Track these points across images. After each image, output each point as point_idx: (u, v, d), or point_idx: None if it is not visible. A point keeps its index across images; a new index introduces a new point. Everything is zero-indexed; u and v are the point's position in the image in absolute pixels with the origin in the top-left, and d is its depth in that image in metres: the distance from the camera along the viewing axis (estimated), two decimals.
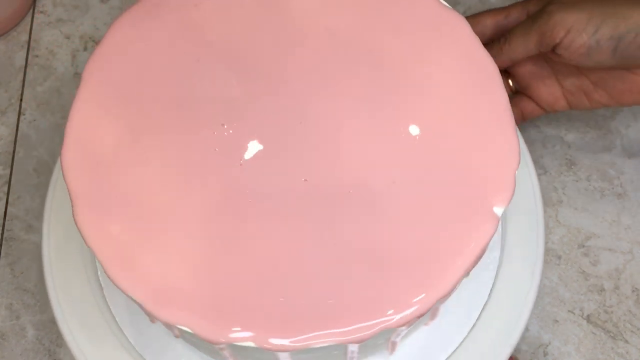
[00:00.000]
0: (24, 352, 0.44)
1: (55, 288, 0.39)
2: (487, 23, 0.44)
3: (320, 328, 0.28)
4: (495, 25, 0.44)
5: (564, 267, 0.46)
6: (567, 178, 0.49)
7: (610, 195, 0.48)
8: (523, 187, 0.41)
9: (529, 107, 0.46)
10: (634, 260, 0.46)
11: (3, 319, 0.45)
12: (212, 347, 0.30)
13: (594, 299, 0.45)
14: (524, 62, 0.44)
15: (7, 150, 0.51)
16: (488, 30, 0.44)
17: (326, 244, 0.30)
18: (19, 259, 0.47)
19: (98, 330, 0.38)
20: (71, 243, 0.40)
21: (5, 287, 0.46)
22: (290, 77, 0.33)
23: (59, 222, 0.41)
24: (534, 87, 0.45)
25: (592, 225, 0.47)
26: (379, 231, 0.31)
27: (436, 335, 0.38)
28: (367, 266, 0.30)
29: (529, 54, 0.42)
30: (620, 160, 0.50)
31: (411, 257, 0.30)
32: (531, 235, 0.41)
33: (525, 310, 0.39)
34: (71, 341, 0.38)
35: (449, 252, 0.30)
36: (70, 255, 0.40)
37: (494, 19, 0.44)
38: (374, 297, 0.29)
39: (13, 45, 0.55)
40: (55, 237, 0.40)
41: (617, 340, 0.44)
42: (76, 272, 0.40)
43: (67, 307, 0.39)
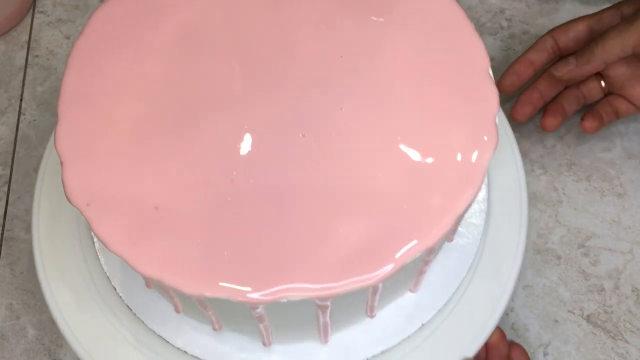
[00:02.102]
0: (24, 352, 0.44)
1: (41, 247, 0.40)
2: (580, 28, 0.46)
3: (293, 281, 0.28)
4: (589, 30, 0.46)
5: (564, 267, 0.46)
6: (567, 178, 0.49)
7: (610, 195, 0.48)
8: (504, 155, 0.42)
9: (623, 106, 0.47)
10: (634, 260, 0.46)
11: (3, 319, 0.45)
12: (192, 302, 0.31)
13: (594, 299, 0.45)
14: (617, 64, 0.45)
15: (7, 150, 0.51)
16: (582, 35, 0.46)
17: (303, 195, 0.30)
18: (19, 259, 0.47)
19: (81, 289, 0.39)
20: (62, 210, 0.40)
21: (5, 287, 0.46)
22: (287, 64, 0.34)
23: (50, 197, 0.41)
24: (628, 87, 0.46)
25: (592, 225, 0.47)
26: (362, 179, 0.30)
27: (418, 302, 0.37)
28: (347, 218, 0.30)
29: (625, 55, 0.43)
30: (620, 160, 0.50)
31: (394, 206, 0.30)
32: (514, 205, 0.41)
33: (510, 279, 0.38)
34: (52, 304, 0.39)
35: (436, 201, 0.30)
36: (60, 224, 0.40)
37: (586, 24, 0.46)
38: (351, 252, 0.29)
39: (13, 45, 0.55)
40: (45, 211, 0.41)
41: (617, 340, 0.44)
42: (66, 238, 0.40)
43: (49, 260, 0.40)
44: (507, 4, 0.56)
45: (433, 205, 0.29)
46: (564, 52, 0.47)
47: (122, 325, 0.38)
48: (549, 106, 0.48)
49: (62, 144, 0.31)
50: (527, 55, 0.48)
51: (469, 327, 0.37)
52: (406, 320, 0.36)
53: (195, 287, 0.28)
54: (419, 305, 0.37)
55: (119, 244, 0.29)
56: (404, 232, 0.29)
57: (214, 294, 0.28)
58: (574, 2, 0.56)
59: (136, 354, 0.37)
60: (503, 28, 0.55)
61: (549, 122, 0.47)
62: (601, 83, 0.47)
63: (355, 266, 0.28)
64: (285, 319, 0.32)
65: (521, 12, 0.56)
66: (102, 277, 0.38)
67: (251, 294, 0.28)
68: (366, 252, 0.29)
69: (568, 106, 0.48)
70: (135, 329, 0.37)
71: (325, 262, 0.28)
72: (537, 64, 0.47)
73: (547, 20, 0.55)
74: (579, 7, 0.56)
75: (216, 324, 0.35)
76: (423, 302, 0.37)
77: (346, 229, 0.29)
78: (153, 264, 0.29)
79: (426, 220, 0.29)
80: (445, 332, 0.37)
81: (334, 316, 0.33)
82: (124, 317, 0.38)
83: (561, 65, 0.45)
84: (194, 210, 0.30)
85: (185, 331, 0.36)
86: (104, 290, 0.38)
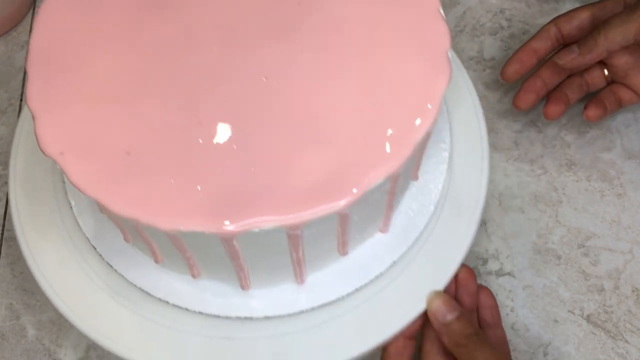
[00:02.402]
0: (24, 352, 0.44)
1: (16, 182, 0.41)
2: (584, 17, 0.46)
3: (264, 211, 0.30)
4: (592, 18, 0.46)
5: (564, 267, 0.46)
6: (567, 178, 0.49)
7: (610, 195, 0.48)
8: (463, 96, 0.44)
9: (626, 95, 0.47)
10: (634, 260, 0.46)
11: (3, 319, 0.45)
12: (171, 249, 0.32)
13: (594, 299, 0.45)
14: (620, 52, 0.45)
15: (7, 150, 0.51)
16: (585, 23, 0.46)
17: (269, 132, 0.32)
18: (19, 259, 0.47)
19: (49, 226, 0.40)
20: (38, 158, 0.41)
21: (5, 287, 0.46)
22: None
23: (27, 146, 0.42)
24: (631, 75, 0.46)
25: (592, 225, 0.47)
26: (323, 115, 0.32)
27: (389, 242, 0.39)
28: (312, 149, 0.31)
29: (627, 43, 0.43)
30: (620, 160, 0.50)
31: (356, 137, 0.31)
32: (476, 147, 0.42)
33: (474, 216, 0.40)
34: (29, 257, 0.39)
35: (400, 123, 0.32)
36: (36, 172, 0.42)
37: (590, 12, 0.46)
38: (318, 181, 0.30)
39: (13, 45, 0.55)
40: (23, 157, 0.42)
41: (617, 340, 0.44)
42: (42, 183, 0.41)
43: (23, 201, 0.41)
44: (507, 4, 0.56)
45: (393, 134, 0.31)
46: (568, 40, 0.47)
47: (99, 278, 0.38)
48: (551, 94, 0.48)
49: (33, 99, 0.32)
50: (531, 44, 0.48)
51: (437, 264, 0.39)
52: (378, 259, 0.38)
53: (170, 223, 0.30)
54: (390, 244, 0.38)
55: (94, 188, 0.30)
56: (367, 160, 0.31)
57: (188, 228, 0.29)
58: (573, 2, 0.56)
59: (117, 306, 0.38)
60: (503, 28, 0.55)
61: (551, 110, 0.47)
62: (604, 71, 0.48)
63: (322, 193, 0.30)
64: (261, 257, 0.33)
65: (521, 12, 0.56)
66: (82, 238, 0.39)
67: (224, 225, 0.29)
68: (331, 180, 0.30)
69: (571, 94, 0.48)
70: (114, 282, 0.38)
71: (294, 192, 0.30)
72: (540, 53, 0.48)
73: (547, 20, 0.55)
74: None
75: (195, 270, 0.36)
76: (393, 241, 0.38)
77: (311, 160, 0.31)
78: (128, 204, 0.30)
79: (387, 147, 0.31)
80: (415, 268, 0.38)
81: (308, 253, 0.34)
82: (102, 272, 0.38)
83: (564, 54, 0.45)
84: (164, 152, 0.31)
85: (165, 282, 0.37)
86: (83, 249, 0.39)
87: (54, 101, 0.32)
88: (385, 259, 0.38)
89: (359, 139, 0.31)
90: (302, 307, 0.36)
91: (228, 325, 0.37)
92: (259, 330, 0.37)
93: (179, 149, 0.31)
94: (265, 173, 0.31)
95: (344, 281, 0.37)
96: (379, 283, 0.38)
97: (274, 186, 0.30)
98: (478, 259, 0.47)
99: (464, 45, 0.55)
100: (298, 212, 0.30)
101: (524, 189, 0.49)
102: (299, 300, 0.37)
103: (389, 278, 0.38)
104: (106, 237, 0.38)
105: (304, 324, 0.37)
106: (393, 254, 0.38)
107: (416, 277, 0.38)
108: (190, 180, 0.30)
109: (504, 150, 0.50)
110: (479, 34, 0.55)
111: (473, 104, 0.43)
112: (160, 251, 0.35)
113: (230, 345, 0.37)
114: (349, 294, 0.37)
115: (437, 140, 0.41)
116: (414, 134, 0.31)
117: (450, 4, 0.57)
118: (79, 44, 0.34)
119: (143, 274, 0.37)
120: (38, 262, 0.39)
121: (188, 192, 0.30)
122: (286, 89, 0.33)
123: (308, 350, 0.37)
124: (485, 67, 0.54)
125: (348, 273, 0.37)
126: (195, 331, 0.37)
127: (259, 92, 0.33)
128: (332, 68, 0.33)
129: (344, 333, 0.37)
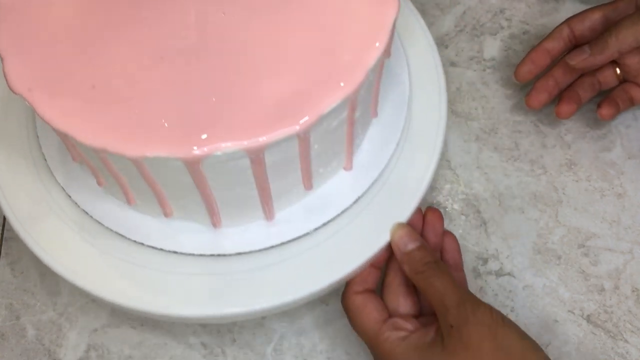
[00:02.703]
0: (24, 352, 0.44)
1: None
2: (596, 17, 0.47)
3: (226, 137, 0.31)
4: (605, 19, 0.46)
5: (564, 267, 0.46)
6: (567, 178, 0.49)
7: (610, 195, 0.48)
8: (414, 28, 0.46)
9: (638, 94, 0.48)
10: (634, 260, 0.46)
11: (3, 319, 0.45)
12: (142, 186, 0.34)
13: (594, 299, 0.45)
14: (633, 52, 0.46)
15: None
16: (597, 24, 0.47)
17: (228, 62, 0.33)
18: (19, 259, 0.47)
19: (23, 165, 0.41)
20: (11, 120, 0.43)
21: (5, 287, 0.47)
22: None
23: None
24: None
25: (592, 225, 0.47)
26: (281, 45, 0.34)
27: (353, 179, 0.40)
28: (270, 76, 0.33)
29: (638, 44, 0.43)
30: (620, 160, 0.50)
31: (312, 63, 0.33)
32: (433, 82, 0.44)
33: (435, 150, 0.42)
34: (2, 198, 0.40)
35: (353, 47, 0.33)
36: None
37: (602, 13, 0.47)
38: (279, 105, 0.32)
39: None
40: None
41: (617, 340, 0.44)
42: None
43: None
44: (507, 4, 0.56)
45: (346, 60, 0.33)
46: (580, 40, 0.48)
47: (75, 224, 0.39)
48: (564, 93, 0.48)
49: (1, 42, 0.34)
50: (544, 44, 0.48)
51: (400, 198, 0.40)
52: (343, 195, 0.40)
53: (137, 149, 0.31)
54: (354, 181, 0.40)
55: (63, 122, 0.32)
56: (322, 85, 0.33)
57: (154, 153, 0.31)
58: (573, 2, 0.56)
59: (93, 250, 0.39)
60: (503, 28, 0.55)
61: (564, 109, 0.48)
62: (616, 70, 0.48)
63: (280, 117, 0.32)
64: (228, 187, 0.35)
65: (521, 12, 0.56)
66: (58, 188, 0.40)
67: (189, 150, 0.31)
68: (290, 105, 0.32)
69: (583, 93, 0.48)
70: (91, 228, 0.39)
71: (254, 117, 0.32)
72: (553, 53, 0.48)
73: (547, 20, 0.55)
74: (579, 7, 0.56)
75: (167, 208, 0.37)
76: (357, 178, 0.40)
77: (270, 88, 0.33)
78: (96, 135, 0.31)
79: (341, 72, 0.33)
80: (379, 203, 0.40)
81: (274, 185, 0.36)
82: (78, 218, 0.39)
83: (575, 55, 0.46)
84: (128, 85, 0.33)
85: (140, 224, 0.39)
86: (58, 198, 0.40)
87: (21, 43, 0.34)
88: (349, 195, 0.40)
89: (314, 66, 0.33)
90: (272, 243, 0.38)
91: (203, 264, 0.38)
92: (233, 266, 0.38)
93: (143, 81, 0.33)
94: (226, 101, 0.32)
95: (311, 217, 0.39)
96: (345, 217, 0.39)
97: (235, 113, 0.32)
98: (478, 259, 0.47)
99: (464, 45, 0.55)
100: (258, 135, 0.31)
101: (524, 189, 0.49)
102: (270, 236, 0.38)
103: (354, 213, 0.40)
104: (80, 185, 0.40)
105: (275, 259, 0.38)
106: (357, 190, 0.40)
107: (380, 211, 0.40)
108: (154, 110, 0.32)
109: (504, 150, 0.50)
110: (479, 34, 0.55)
111: (429, 44, 0.45)
112: (132, 190, 0.36)
113: (206, 281, 0.38)
114: (316, 228, 0.39)
115: (396, 81, 0.43)
116: (367, 59, 0.33)
117: (450, 4, 0.57)
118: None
119: (118, 218, 0.39)
120: (15, 211, 0.40)
121: (153, 120, 0.32)
122: (244, 22, 0.34)
123: (279, 283, 0.38)
124: (485, 67, 0.54)
125: (315, 209, 0.39)
126: (170, 270, 0.38)
127: (217, 26, 0.34)
128: (287, 3, 0.35)
129: (313, 266, 0.38)
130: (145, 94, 0.33)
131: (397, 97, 0.42)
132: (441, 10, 0.57)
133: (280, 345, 0.44)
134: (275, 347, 0.44)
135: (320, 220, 0.39)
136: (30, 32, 0.34)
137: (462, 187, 0.49)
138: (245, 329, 0.45)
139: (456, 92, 0.53)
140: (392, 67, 0.43)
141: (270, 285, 0.38)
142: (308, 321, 0.45)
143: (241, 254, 0.38)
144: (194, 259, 0.38)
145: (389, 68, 0.42)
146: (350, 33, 0.34)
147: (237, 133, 0.31)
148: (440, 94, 0.43)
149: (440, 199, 0.49)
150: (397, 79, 0.43)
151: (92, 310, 0.46)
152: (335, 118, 0.34)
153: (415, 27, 0.46)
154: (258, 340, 0.45)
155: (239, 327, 0.45)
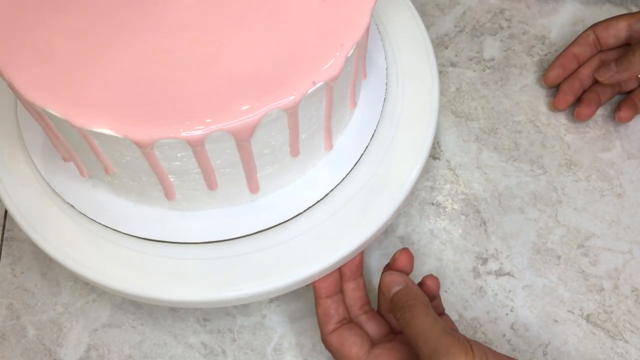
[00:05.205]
0: (24, 352, 0.45)
1: None
2: (620, 26, 0.49)
3: (215, 119, 0.31)
4: (629, 28, 0.49)
5: (564, 267, 0.46)
6: (567, 178, 0.49)
7: (610, 195, 0.48)
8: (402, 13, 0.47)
9: None
10: (633, 260, 0.46)
11: (3, 319, 0.46)
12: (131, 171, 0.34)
13: (593, 298, 0.45)
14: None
15: None
16: (622, 32, 0.49)
17: (215, 28, 0.34)
18: (19, 259, 0.47)
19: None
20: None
21: (5, 287, 0.47)
22: None
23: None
24: None
25: (592, 225, 0.47)
26: (272, 24, 0.34)
27: (330, 167, 0.41)
28: (256, 51, 0.33)
29: None
30: (620, 160, 0.50)
31: (294, 42, 0.34)
32: (424, 64, 0.44)
33: (429, 127, 0.42)
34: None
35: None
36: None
37: (626, 22, 0.49)
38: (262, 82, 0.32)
39: None
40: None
41: (617, 340, 0.44)
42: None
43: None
44: (507, 4, 0.56)
45: (328, 39, 0.34)
46: (604, 47, 0.50)
47: (55, 204, 0.40)
48: (584, 95, 0.51)
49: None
50: (571, 49, 0.51)
51: (386, 190, 0.41)
52: (332, 175, 0.40)
53: (148, 133, 0.31)
54: (336, 164, 0.41)
55: (47, 101, 0.32)
56: (306, 61, 0.33)
57: (166, 135, 0.31)
58: (573, 2, 0.56)
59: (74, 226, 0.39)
60: (503, 28, 0.55)
61: (584, 111, 0.50)
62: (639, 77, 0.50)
63: (270, 91, 0.32)
64: (218, 165, 0.35)
65: (521, 12, 0.56)
66: (58, 189, 0.40)
67: (183, 131, 0.31)
68: (274, 83, 0.33)
69: (603, 95, 0.51)
70: (67, 208, 0.40)
71: (238, 100, 0.32)
72: (580, 57, 0.51)
73: (547, 21, 0.55)
74: (578, 7, 0.56)
75: (167, 192, 0.37)
76: (339, 162, 0.41)
77: (254, 63, 0.33)
78: (90, 114, 0.32)
79: (324, 51, 0.34)
80: (370, 192, 0.41)
81: (260, 162, 0.36)
82: (69, 210, 0.40)
83: (603, 72, 0.48)
84: (117, 71, 0.33)
85: (131, 217, 0.39)
86: (39, 178, 0.41)
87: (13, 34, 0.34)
88: (334, 177, 0.40)
89: (297, 44, 0.34)
90: (262, 227, 0.39)
91: (207, 250, 0.39)
92: (225, 252, 0.39)
93: (118, 55, 0.33)
94: (212, 88, 0.32)
95: (302, 199, 0.40)
96: (335, 204, 0.40)
97: (224, 99, 0.32)
98: (478, 259, 0.47)
99: (463, 45, 0.55)
100: (245, 116, 0.32)
101: (524, 189, 0.49)
102: (259, 220, 0.39)
103: (343, 200, 0.40)
104: (57, 169, 0.40)
105: (271, 242, 0.39)
106: (342, 171, 0.40)
107: (369, 199, 0.41)
108: (129, 86, 0.32)
109: (504, 150, 0.50)
110: (478, 34, 0.55)
111: (417, 24, 0.46)
112: (135, 180, 0.37)
113: (206, 266, 0.38)
114: (305, 210, 0.39)
115: (377, 72, 0.43)
116: (350, 38, 0.34)
117: (450, 4, 0.57)
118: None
119: (102, 213, 0.39)
120: (18, 207, 0.40)
121: (129, 98, 0.32)
122: (226, 6, 0.35)
123: (263, 267, 0.38)
124: (485, 67, 0.54)
125: (302, 193, 0.40)
126: (148, 251, 0.39)
127: (197, 15, 0.35)
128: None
129: (302, 251, 0.39)
130: (146, 77, 0.33)
131: (377, 87, 0.43)
132: (441, 11, 0.57)
133: (280, 345, 0.45)
134: (275, 347, 0.44)
135: (311, 201, 0.39)
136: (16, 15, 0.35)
137: (461, 187, 0.49)
138: (245, 328, 0.45)
139: (456, 93, 0.53)
140: (374, 58, 0.44)
141: (271, 267, 0.38)
142: (308, 321, 0.45)
143: (233, 239, 0.39)
144: (196, 247, 0.39)
145: (371, 59, 0.43)
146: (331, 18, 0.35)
147: (226, 114, 0.32)
148: (432, 93, 0.44)
149: (440, 199, 0.49)
150: (378, 71, 0.43)
151: (93, 310, 0.46)
152: (317, 94, 0.34)
153: (405, 13, 0.47)
154: (258, 340, 0.45)
155: (239, 327, 0.45)
